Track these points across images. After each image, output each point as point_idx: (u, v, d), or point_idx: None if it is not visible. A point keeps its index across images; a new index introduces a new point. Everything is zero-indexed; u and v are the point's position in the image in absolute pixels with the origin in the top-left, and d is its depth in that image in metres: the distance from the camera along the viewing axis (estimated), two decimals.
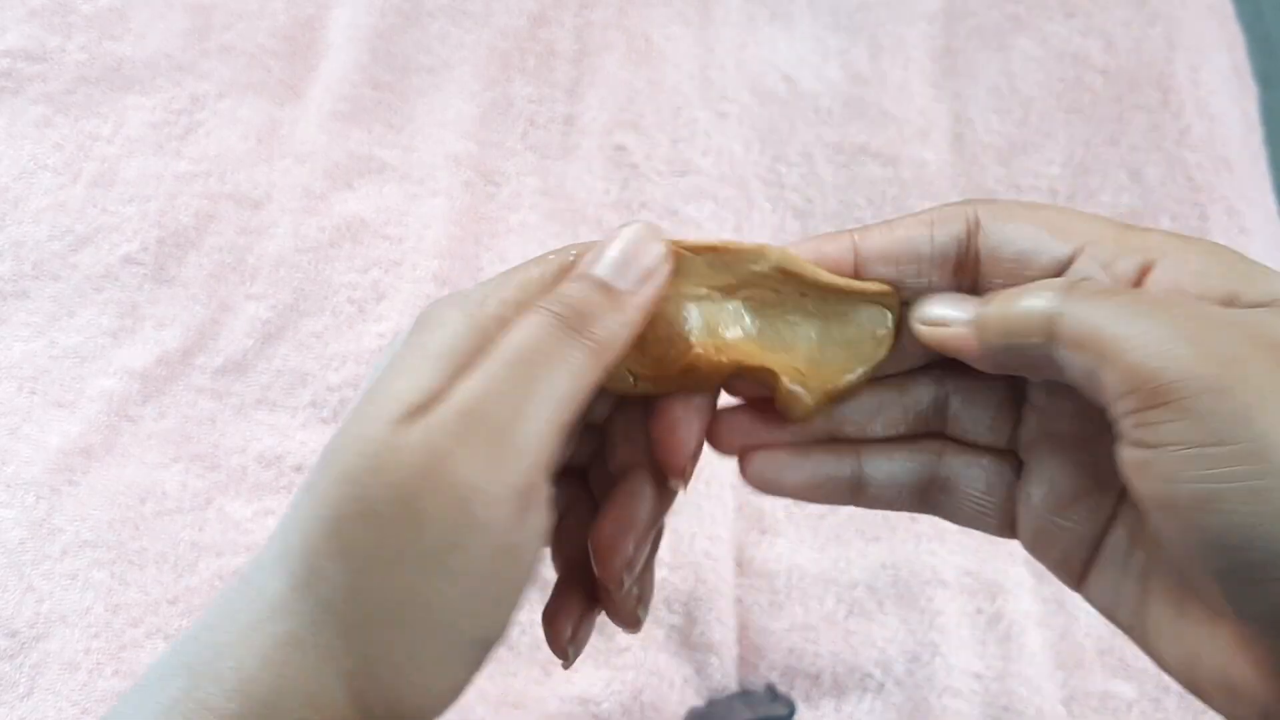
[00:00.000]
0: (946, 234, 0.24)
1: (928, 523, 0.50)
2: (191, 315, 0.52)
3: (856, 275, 0.25)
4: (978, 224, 0.24)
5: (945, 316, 0.24)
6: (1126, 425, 0.20)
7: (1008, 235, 0.24)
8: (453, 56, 0.60)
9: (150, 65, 0.58)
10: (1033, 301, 0.22)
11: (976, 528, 0.27)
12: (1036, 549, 0.25)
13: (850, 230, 0.25)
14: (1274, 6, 0.73)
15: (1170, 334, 0.19)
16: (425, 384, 0.22)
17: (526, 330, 0.23)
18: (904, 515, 0.50)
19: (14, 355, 0.50)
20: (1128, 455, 0.20)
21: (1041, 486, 0.25)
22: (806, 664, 0.47)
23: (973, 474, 0.26)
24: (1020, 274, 0.23)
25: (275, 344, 0.52)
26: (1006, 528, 0.26)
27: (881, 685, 0.47)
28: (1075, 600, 0.48)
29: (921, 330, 0.24)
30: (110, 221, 0.54)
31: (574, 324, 0.23)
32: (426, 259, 0.54)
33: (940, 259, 0.24)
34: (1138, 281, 0.22)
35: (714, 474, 0.49)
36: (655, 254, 0.24)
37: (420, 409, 0.22)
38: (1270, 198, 0.60)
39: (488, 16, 0.61)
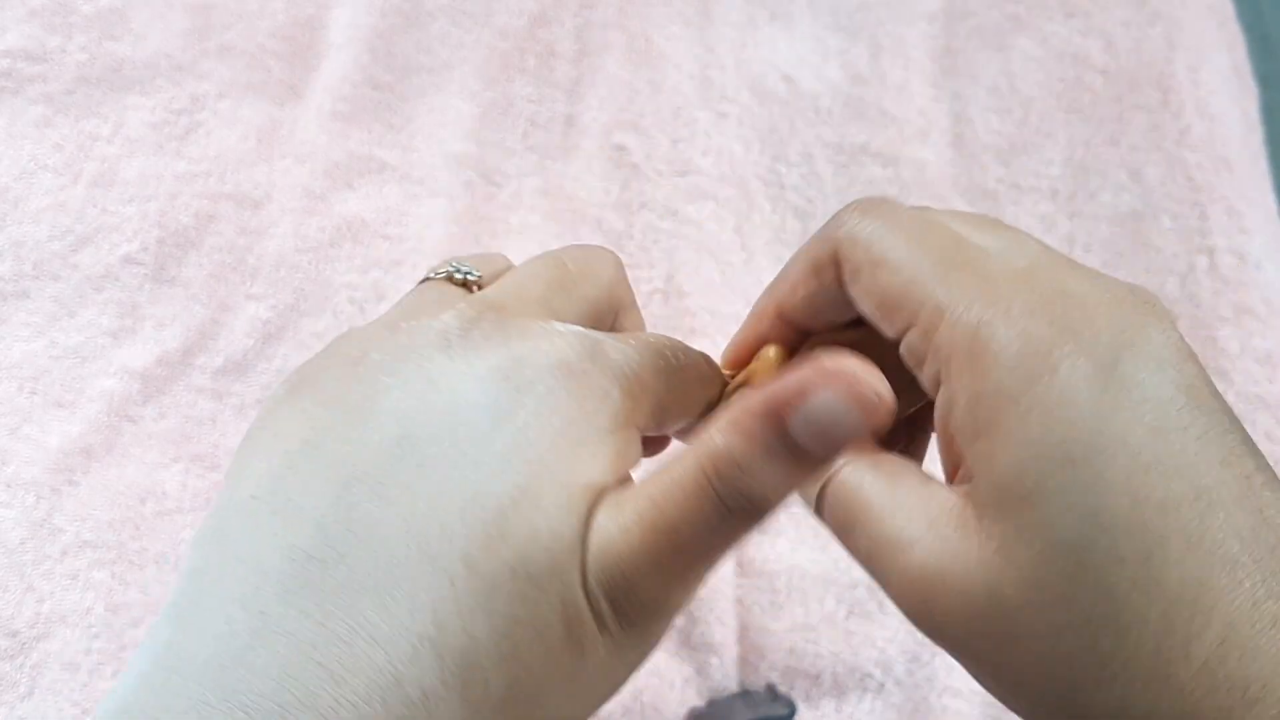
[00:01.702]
0: (829, 291, 0.24)
1: None
2: (192, 315, 0.52)
3: (799, 337, 0.26)
4: (842, 275, 0.24)
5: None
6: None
7: (856, 299, 0.24)
8: (453, 57, 0.60)
9: (150, 65, 0.58)
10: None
11: None
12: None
13: (759, 306, 0.26)
14: (1274, 7, 0.73)
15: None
16: (599, 480, 0.20)
17: (677, 501, 0.20)
18: None
19: (14, 355, 0.50)
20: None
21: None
22: (807, 664, 0.47)
23: None
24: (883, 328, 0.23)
25: (276, 344, 0.52)
26: None
27: (882, 685, 0.47)
28: None
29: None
30: (110, 221, 0.54)
31: (734, 507, 0.20)
32: (427, 259, 0.54)
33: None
34: (941, 382, 0.22)
35: None
36: (858, 420, 0.19)
37: (592, 510, 0.20)
38: (1270, 198, 0.60)
39: (488, 17, 0.61)
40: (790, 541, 0.49)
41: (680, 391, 0.24)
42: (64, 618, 0.45)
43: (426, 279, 0.25)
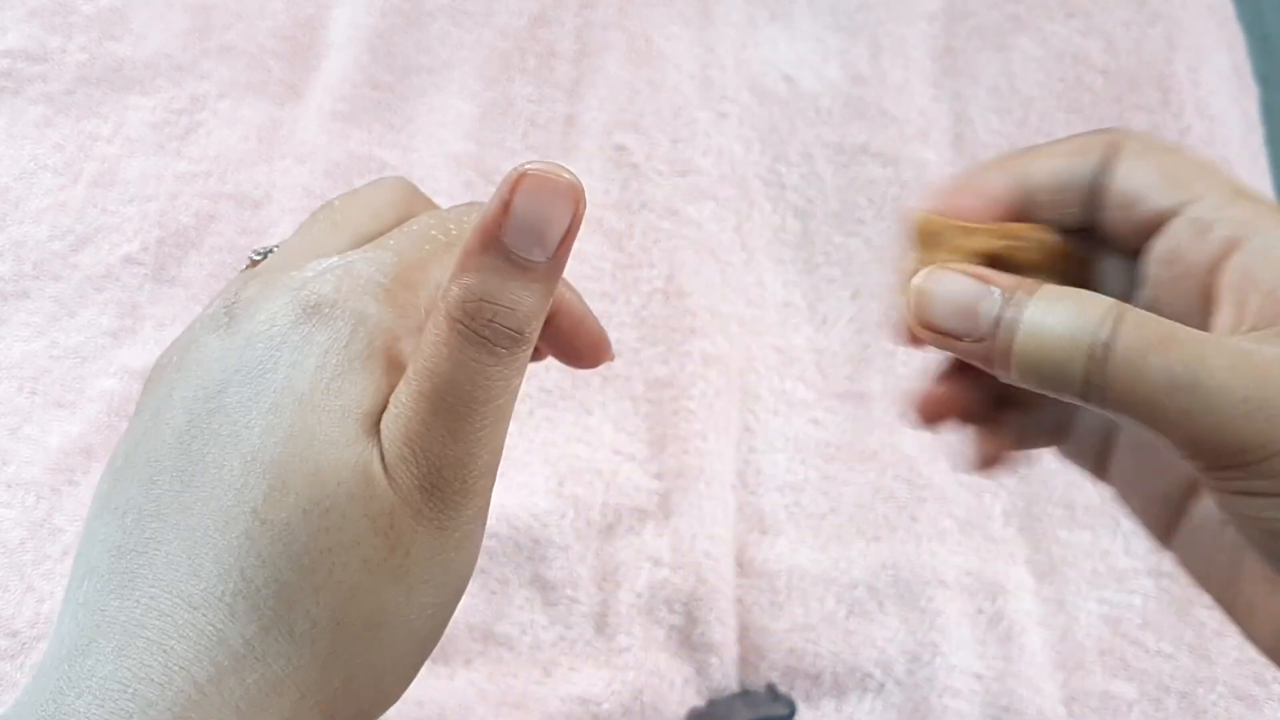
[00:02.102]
0: (1089, 164, 0.24)
1: (928, 523, 0.50)
2: (192, 315, 0.52)
3: (1022, 212, 0.24)
4: (1116, 155, 0.23)
5: (956, 327, 0.22)
6: (1196, 467, 0.20)
7: (1126, 172, 0.23)
8: (453, 57, 0.60)
9: (150, 65, 0.58)
10: (1067, 349, 0.20)
11: (1073, 462, 0.26)
12: (1123, 496, 0.25)
13: (1004, 160, 0.25)
14: (1274, 7, 0.73)
15: (1232, 399, 0.18)
16: (368, 399, 0.22)
17: (440, 358, 0.21)
18: (904, 515, 0.50)
19: (14, 355, 0.50)
20: (1205, 482, 0.20)
21: (1130, 434, 0.24)
22: (807, 664, 0.47)
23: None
24: (1126, 218, 0.23)
25: None
26: (1101, 470, 0.26)
27: (882, 685, 0.47)
28: (1076, 601, 0.48)
29: (921, 332, 0.23)
30: (111, 221, 0.54)
31: (492, 338, 0.21)
32: None
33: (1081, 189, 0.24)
34: (1223, 255, 0.21)
35: (714, 474, 0.49)
36: (565, 211, 0.21)
37: (371, 427, 0.22)
38: (1270, 198, 0.60)
39: (488, 17, 0.61)
40: (790, 542, 0.49)
41: None
42: None
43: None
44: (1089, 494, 0.51)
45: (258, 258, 0.26)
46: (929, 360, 0.27)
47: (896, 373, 0.53)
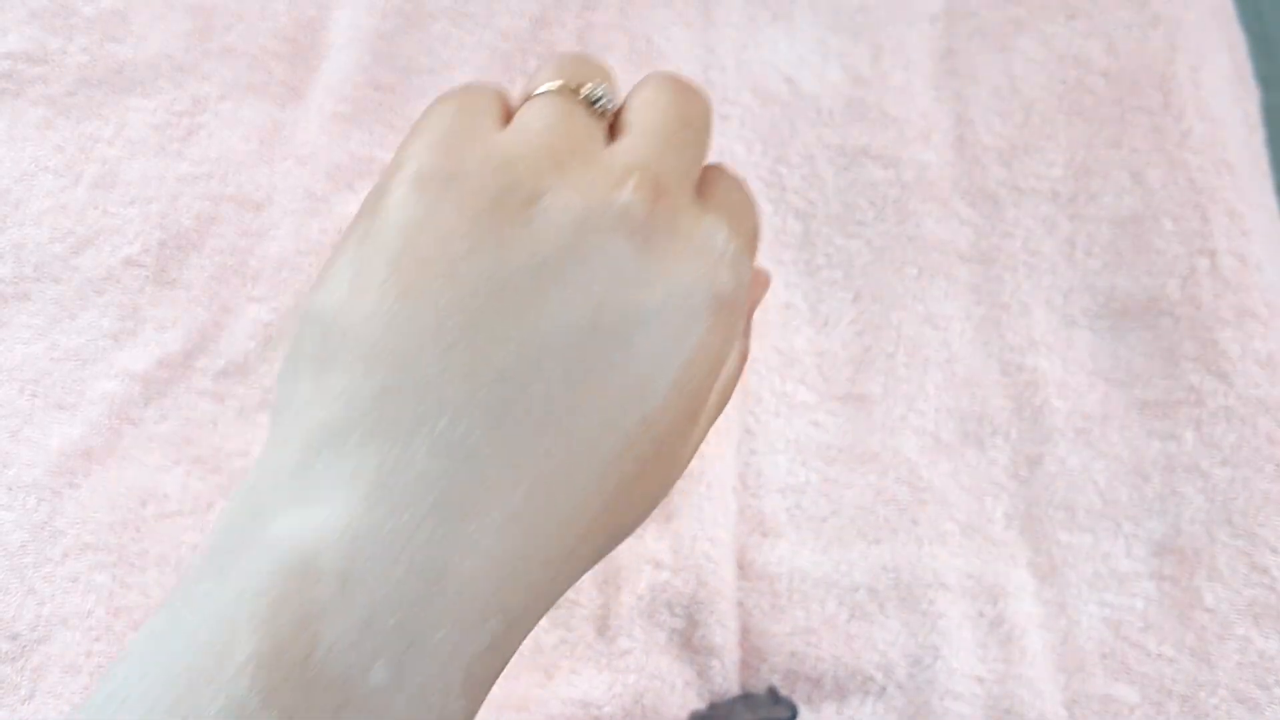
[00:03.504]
0: None
1: (929, 525, 0.50)
2: (193, 318, 0.52)
3: None
4: None
5: None
6: None
7: None
8: (454, 58, 0.60)
9: (152, 67, 0.58)
10: None
11: None
12: None
13: None
14: (1275, 8, 0.73)
15: None
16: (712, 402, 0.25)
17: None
18: (905, 518, 0.50)
19: (15, 358, 0.50)
20: None
21: None
22: (808, 667, 0.47)
23: None
24: None
25: (277, 347, 0.52)
26: None
27: (883, 688, 0.47)
28: (1078, 604, 0.48)
29: None
30: (111, 224, 0.54)
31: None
32: None
33: None
34: None
35: (715, 476, 0.49)
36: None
37: None
38: (1272, 200, 0.60)
39: (489, 18, 0.61)
40: (791, 544, 0.49)
41: None
42: (65, 620, 0.45)
43: (545, 90, 0.26)
44: (1090, 497, 0.51)
45: (600, 103, 0.25)
46: (931, 364, 0.27)
47: (898, 375, 0.53)
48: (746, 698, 0.46)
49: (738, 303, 0.24)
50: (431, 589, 0.19)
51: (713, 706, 0.46)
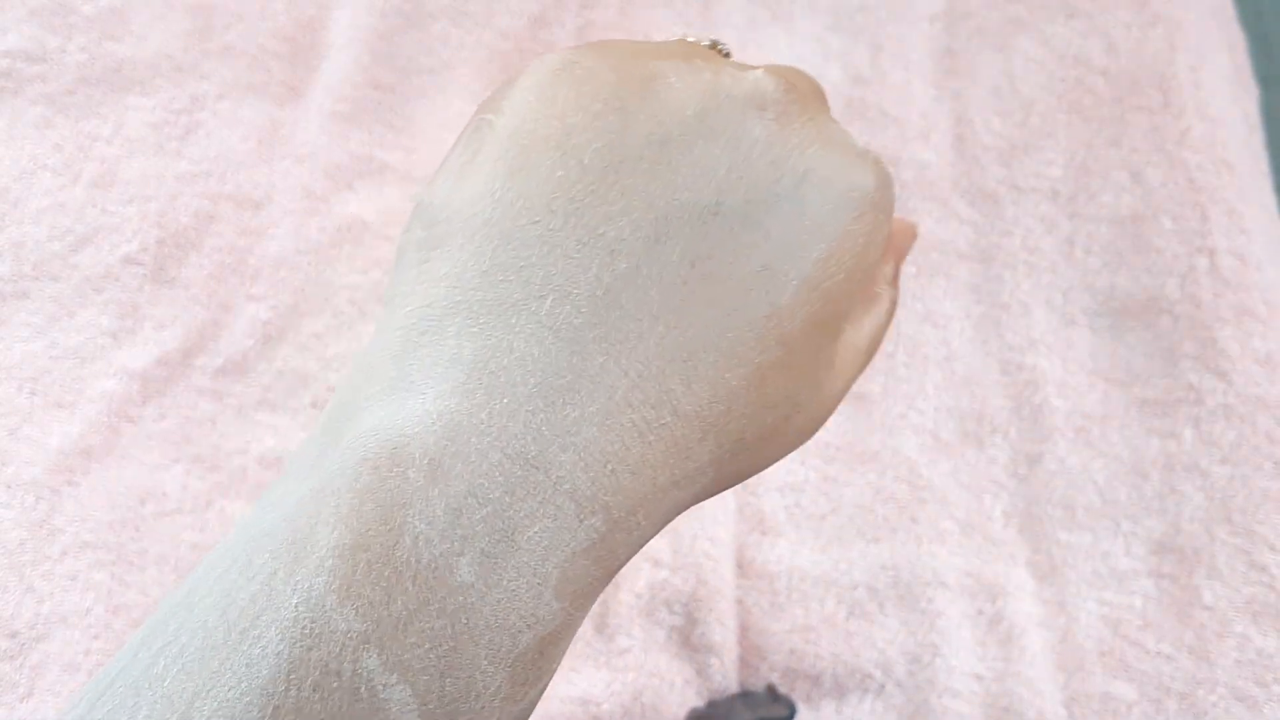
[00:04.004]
0: None
1: (928, 524, 0.50)
2: (192, 316, 0.52)
3: None
4: None
5: None
6: None
7: None
8: (454, 58, 0.60)
9: (151, 66, 0.58)
10: None
11: None
12: None
13: None
14: (1275, 8, 0.73)
15: None
16: (852, 328, 0.23)
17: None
18: (904, 517, 0.50)
19: (14, 356, 0.50)
20: None
21: None
22: (807, 665, 0.47)
23: None
24: None
25: (276, 345, 0.52)
26: None
27: (882, 687, 0.47)
28: (1076, 602, 0.48)
29: None
30: (110, 222, 0.54)
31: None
32: None
33: None
34: None
35: None
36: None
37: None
38: (1271, 199, 0.60)
39: (489, 18, 0.61)
40: (790, 543, 0.49)
41: None
42: (64, 618, 0.45)
43: (682, 39, 0.24)
44: (1089, 495, 0.51)
45: (723, 48, 0.24)
46: (931, 363, 0.27)
47: (897, 374, 0.53)
48: (745, 696, 0.46)
49: (883, 208, 0.21)
50: (527, 479, 0.17)
51: (711, 704, 0.46)
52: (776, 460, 0.21)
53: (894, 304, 0.24)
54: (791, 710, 0.45)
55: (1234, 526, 0.49)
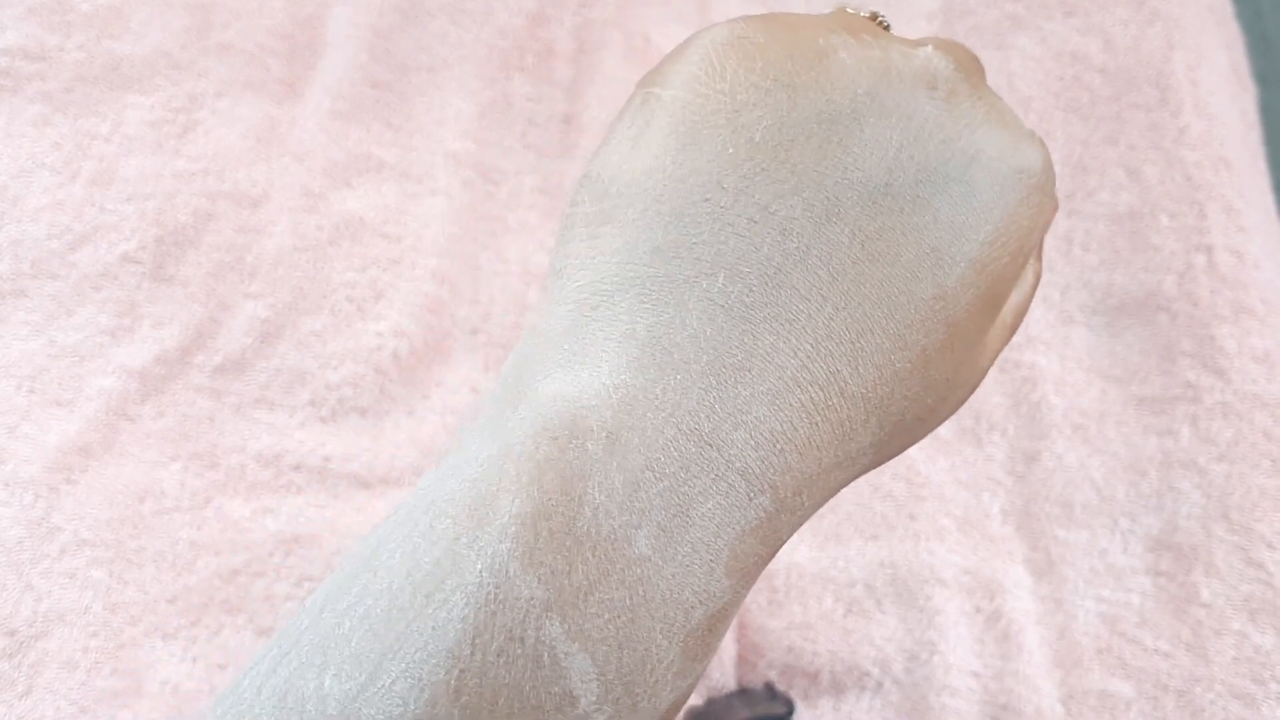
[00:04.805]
0: None
1: (926, 521, 0.50)
2: (190, 314, 0.52)
3: None
4: None
5: None
6: None
7: None
8: (451, 55, 0.60)
9: (149, 64, 0.58)
10: None
11: None
12: None
13: None
14: (1273, 6, 0.74)
15: None
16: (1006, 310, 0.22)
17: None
18: (902, 514, 0.50)
19: (12, 354, 0.50)
20: None
21: None
22: (805, 662, 0.47)
23: None
24: None
25: (274, 343, 0.52)
26: None
27: (880, 684, 0.47)
28: (1074, 599, 0.48)
29: None
30: (109, 220, 0.54)
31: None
32: (425, 258, 0.54)
33: None
34: None
35: None
36: None
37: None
38: (1269, 196, 0.60)
39: (487, 15, 0.61)
40: (789, 541, 0.49)
41: None
42: (62, 616, 0.45)
43: (842, 10, 0.24)
44: (1087, 493, 0.51)
45: (883, 20, 0.24)
46: None
47: None
48: (743, 693, 0.46)
49: (1048, 189, 0.21)
50: (701, 455, 0.18)
51: (710, 702, 0.46)
52: (926, 435, 0.22)
53: (1038, 277, 0.24)
54: (789, 708, 0.45)
55: (1231, 524, 0.49)
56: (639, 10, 0.61)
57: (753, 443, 0.18)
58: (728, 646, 0.46)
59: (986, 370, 0.22)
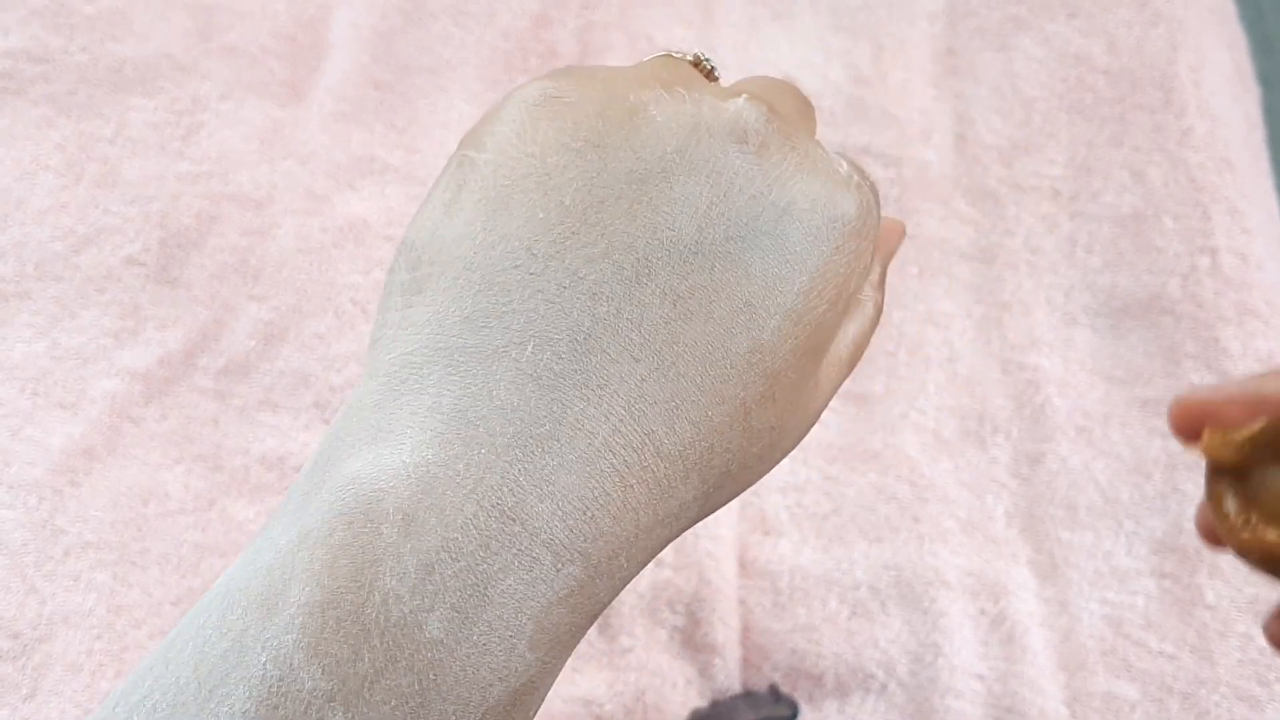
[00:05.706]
0: None
1: (930, 523, 0.50)
2: (194, 316, 0.52)
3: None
4: None
5: None
6: None
7: None
8: (455, 57, 0.60)
9: (152, 66, 0.58)
10: None
11: None
12: None
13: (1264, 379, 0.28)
14: (1275, 8, 0.73)
15: None
16: (842, 348, 0.23)
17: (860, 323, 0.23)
18: (906, 516, 0.50)
19: (16, 356, 0.50)
20: None
21: None
22: (809, 665, 0.47)
23: None
24: None
25: (278, 345, 0.52)
26: None
27: (884, 686, 0.47)
28: (1079, 601, 0.48)
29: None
30: (112, 222, 0.54)
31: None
32: None
33: None
34: None
35: None
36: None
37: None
38: (1272, 198, 0.60)
39: (490, 17, 0.61)
40: (793, 543, 0.49)
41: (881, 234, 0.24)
42: (66, 619, 0.45)
43: (666, 55, 0.24)
44: (1091, 495, 0.51)
45: (711, 70, 0.24)
46: (932, 363, 0.27)
47: (899, 374, 0.53)
48: (748, 695, 0.46)
49: (865, 234, 0.21)
50: (503, 530, 0.17)
51: (714, 704, 0.46)
52: (758, 479, 0.21)
53: (879, 309, 0.24)
54: (794, 710, 0.45)
55: None
56: (642, 12, 0.61)
57: (560, 512, 0.18)
58: (732, 649, 0.46)
59: (820, 410, 0.22)
